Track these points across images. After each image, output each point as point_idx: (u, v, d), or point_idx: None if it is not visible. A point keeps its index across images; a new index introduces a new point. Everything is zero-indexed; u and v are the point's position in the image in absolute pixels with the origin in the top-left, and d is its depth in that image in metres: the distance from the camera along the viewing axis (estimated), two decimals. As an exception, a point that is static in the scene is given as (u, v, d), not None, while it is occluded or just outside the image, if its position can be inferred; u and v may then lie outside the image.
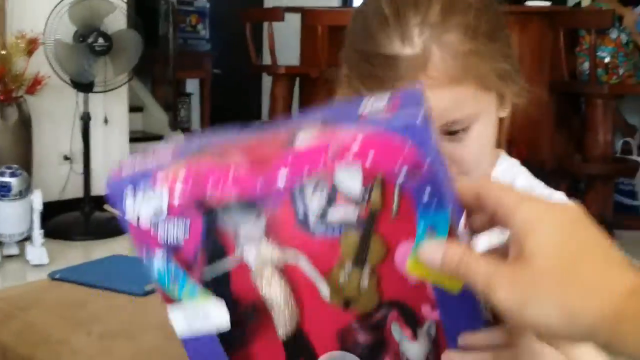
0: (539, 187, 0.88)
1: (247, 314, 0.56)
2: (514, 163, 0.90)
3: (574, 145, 4.17)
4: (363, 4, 0.81)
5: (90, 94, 3.61)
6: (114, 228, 3.67)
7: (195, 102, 6.58)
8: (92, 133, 3.69)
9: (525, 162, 3.51)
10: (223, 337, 0.56)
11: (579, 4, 4.81)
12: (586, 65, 3.95)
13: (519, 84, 0.80)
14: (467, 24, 0.74)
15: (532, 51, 3.86)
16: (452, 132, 0.75)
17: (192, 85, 6.62)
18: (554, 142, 4.19)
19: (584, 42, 3.99)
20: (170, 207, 0.52)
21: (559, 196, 0.85)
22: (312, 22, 4.40)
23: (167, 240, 0.54)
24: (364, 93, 0.76)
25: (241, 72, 5.71)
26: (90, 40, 3.45)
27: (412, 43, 0.73)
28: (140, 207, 0.53)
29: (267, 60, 5.54)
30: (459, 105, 0.74)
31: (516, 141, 4.01)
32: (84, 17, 3.45)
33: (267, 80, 5.76)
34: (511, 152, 3.66)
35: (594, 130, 3.88)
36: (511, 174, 0.88)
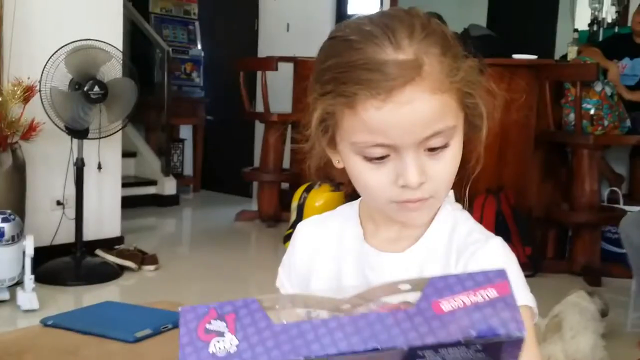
0: (476, 232, 0.88)
1: None
2: (457, 207, 0.92)
3: (561, 194, 4.23)
4: (336, 31, 0.85)
5: (84, 140, 3.65)
6: (105, 273, 3.68)
7: (188, 147, 6.64)
8: (85, 178, 3.73)
9: (513, 209, 3.56)
10: None
11: (564, 57, 4.92)
12: (572, 116, 4.03)
13: (483, 116, 0.85)
14: (442, 43, 0.81)
15: (519, 102, 3.94)
16: (433, 148, 0.80)
17: (185, 131, 6.68)
18: (541, 191, 4.25)
19: (569, 95, 4.07)
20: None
21: (495, 241, 0.86)
22: (304, 72, 4.49)
23: None
24: (338, 108, 0.80)
25: (234, 119, 5.78)
26: (86, 88, 3.50)
27: (404, 51, 0.78)
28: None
29: (259, 107, 5.61)
30: (444, 114, 0.79)
31: (505, 188, 4.07)
32: (81, 65, 3.51)
33: (259, 127, 5.83)
34: (500, 198, 3.70)
35: (581, 180, 3.94)
36: (453, 217, 0.90)
